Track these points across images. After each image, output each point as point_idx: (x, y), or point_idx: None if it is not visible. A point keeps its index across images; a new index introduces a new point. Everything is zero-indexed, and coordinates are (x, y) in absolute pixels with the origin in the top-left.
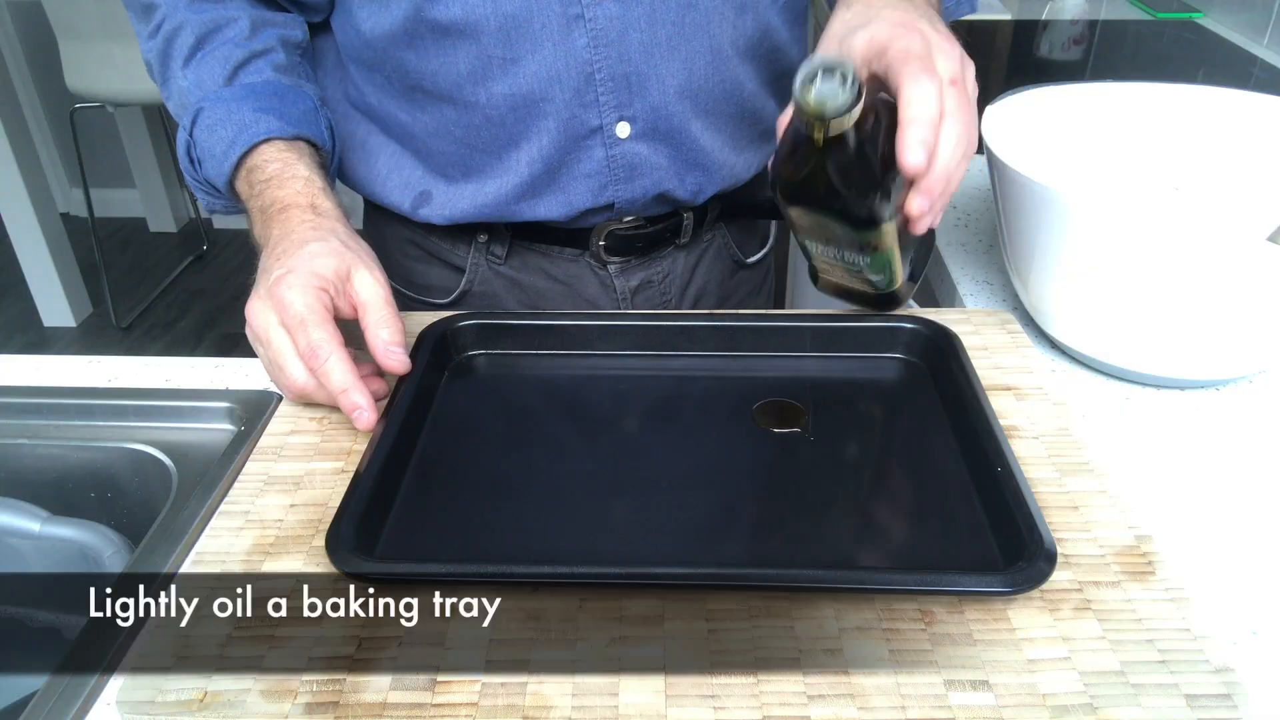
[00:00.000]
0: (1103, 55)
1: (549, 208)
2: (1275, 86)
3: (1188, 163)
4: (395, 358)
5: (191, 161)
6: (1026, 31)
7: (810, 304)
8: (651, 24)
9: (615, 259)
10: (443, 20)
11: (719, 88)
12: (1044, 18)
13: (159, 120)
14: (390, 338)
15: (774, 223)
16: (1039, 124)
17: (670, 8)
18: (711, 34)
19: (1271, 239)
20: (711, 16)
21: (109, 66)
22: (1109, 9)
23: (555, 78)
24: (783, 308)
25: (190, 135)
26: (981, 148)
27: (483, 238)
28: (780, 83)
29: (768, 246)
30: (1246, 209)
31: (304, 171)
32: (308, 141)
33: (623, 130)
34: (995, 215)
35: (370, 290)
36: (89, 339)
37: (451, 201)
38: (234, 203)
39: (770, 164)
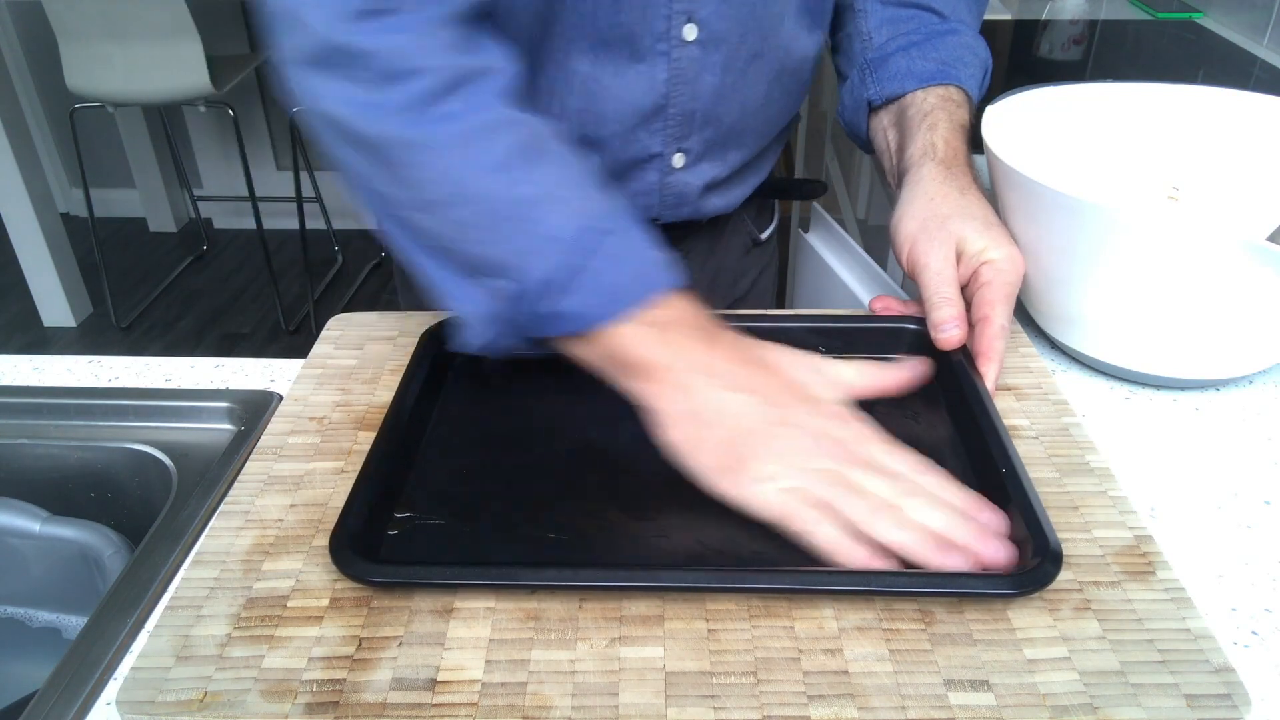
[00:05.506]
0: (1103, 55)
1: None
2: (1275, 86)
3: (1188, 163)
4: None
5: (538, 289)
6: (1026, 31)
7: (811, 304)
8: (724, 70)
9: None
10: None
11: (763, 123)
12: (1044, 17)
13: (159, 120)
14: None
15: (776, 201)
16: (1039, 124)
17: (740, 57)
18: (768, 80)
19: (1271, 239)
20: (770, 65)
21: (109, 66)
22: (1109, 9)
23: (634, 103)
24: (785, 290)
25: (572, 259)
26: (981, 147)
27: None
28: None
29: (774, 224)
30: (1246, 209)
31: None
32: None
33: (678, 161)
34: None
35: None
36: (89, 339)
37: None
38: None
39: None
